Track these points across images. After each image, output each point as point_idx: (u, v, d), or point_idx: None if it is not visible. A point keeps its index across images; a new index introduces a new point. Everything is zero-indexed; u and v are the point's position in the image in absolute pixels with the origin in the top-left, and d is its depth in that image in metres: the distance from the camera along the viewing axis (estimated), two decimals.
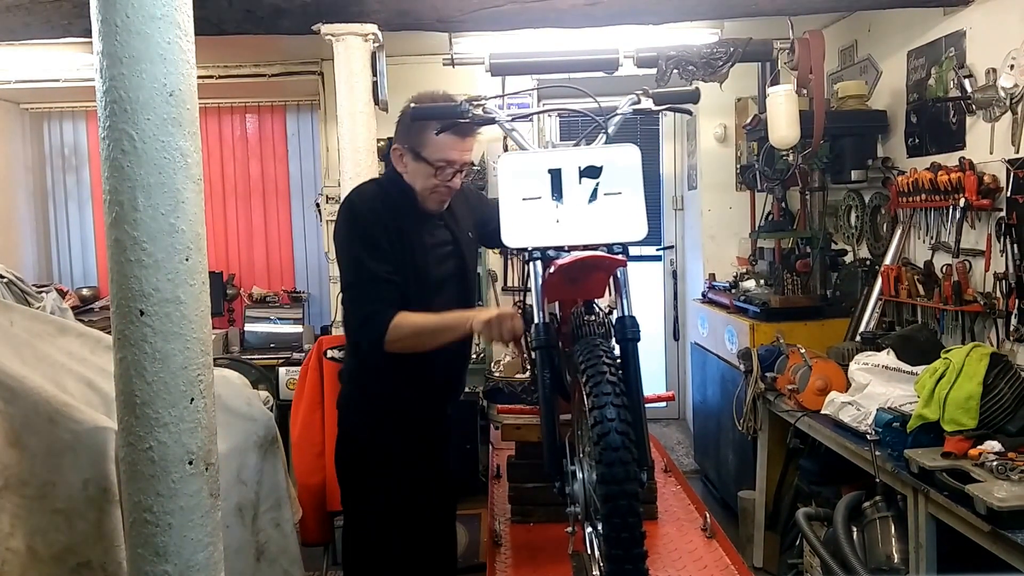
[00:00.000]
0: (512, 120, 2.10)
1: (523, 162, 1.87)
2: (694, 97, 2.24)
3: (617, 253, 1.78)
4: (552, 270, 1.77)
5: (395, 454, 2.26)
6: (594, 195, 1.82)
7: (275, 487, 2.30)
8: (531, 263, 1.84)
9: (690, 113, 2.32)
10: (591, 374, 1.53)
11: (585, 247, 1.78)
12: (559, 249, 1.81)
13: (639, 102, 2.10)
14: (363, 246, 2.13)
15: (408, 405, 2.26)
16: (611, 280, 1.84)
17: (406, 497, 2.26)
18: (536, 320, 1.81)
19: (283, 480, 2.37)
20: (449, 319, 2.09)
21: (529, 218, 1.81)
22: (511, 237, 1.82)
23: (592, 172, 1.83)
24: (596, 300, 1.92)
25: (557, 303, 2.01)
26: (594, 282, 1.85)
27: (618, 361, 1.61)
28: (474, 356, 2.18)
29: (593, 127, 2.06)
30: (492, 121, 2.14)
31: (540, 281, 1.82)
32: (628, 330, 1.75)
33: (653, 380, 5.71)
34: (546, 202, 1.82)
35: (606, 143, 2.02)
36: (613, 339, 1.77)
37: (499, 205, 1.84)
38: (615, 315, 1.81)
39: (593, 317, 1.84)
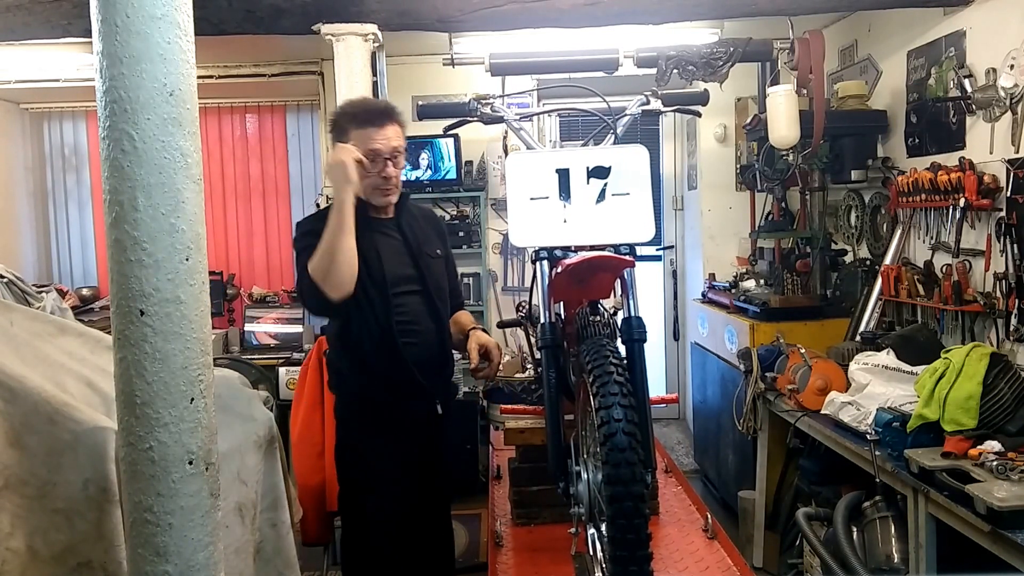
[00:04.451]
0: (520, 119, 2.11)
1: (531, 162, 1.87)
2: (703, 99, 2.25)
3: (624, 254, 1.78)
4: (559, 270, 1.76)
5: (387, 456, 2.28)
6: (602, 195, 1.82)
7: (272, 487, 2.30)
8: (538, 263, 1.84)
9: (699, 115, 2.33)
10: (598, 374, 1.52)
11: (592, 247, 1.79)
12: (566, 249, 1.81)
13: (648, 103, 2.11)
14: (300, 247, 2.23)
15: (391, 407, 2.29)
16: (617, 281, 1.84)
17: (400, 499, 2.27)
18: (542, 320, 1.81)
19: (281, 480, 2.36)
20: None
21: (537, 218, 1.81)
22: (518, 236, 1.82)
23: (600, 172, 1.83)
24: (601, 300, 1.92)
25: (561, 303, 2.01)
26: (601, 282, 1.85)
27: (624, 361, 1.60)
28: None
29: (601, 127, 2.06)
30: (500, 119, 2.14)
31: (547, 281, 1.82)
32: (635, 330, 1.75)
33: (653, 380, 5.69)
34: (554, 202, 1.82)
35: (615, 143, 2.02)
36: (619, 339, 1.77)
37: (507, 205, 1.85)
38: (620, 315, 1.81)
39: (598, 317, 1.84)
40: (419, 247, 2.33)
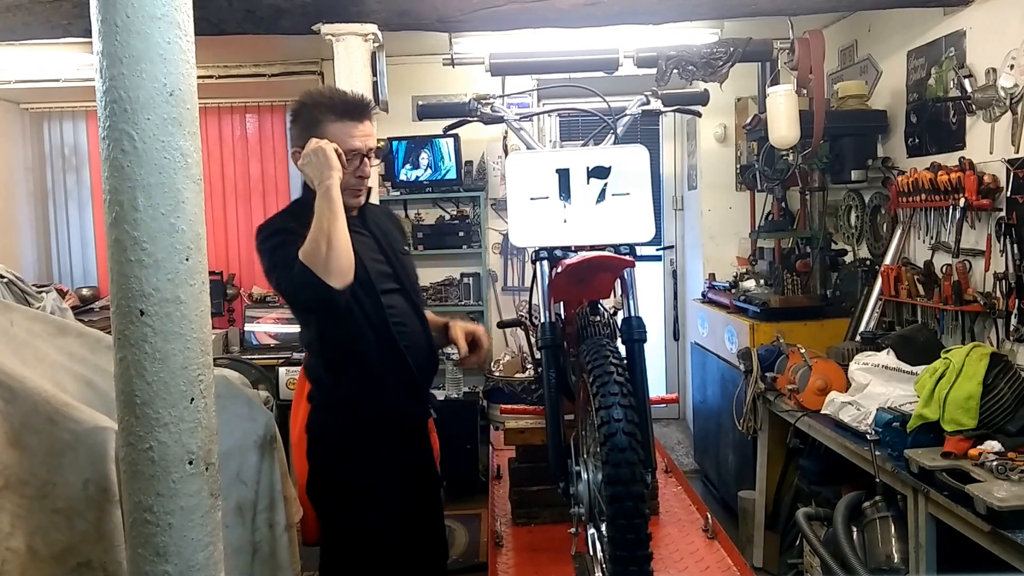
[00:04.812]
0: (520, 119, 2.11)
1: (531, 162, 1.87)
2: (703, 99, 2.25)
3: (624, 254, 1.79)
4: (559, 270, 1.77)
5: (388, 462, 2.23)
6: (602, 195, 1.83)
7: (270, 488, 2.30)
8: (538, 263, 1.84)
9: (699, 115, 2.34)
10: (598, 374, 1.53)
11: (592, 247, 1.79)
12: (566, 249, 1.81)
13: (648, 103, 2.11)
14: (274, 244, 2.03)
15: (390, 412, 2.22)
16: (617, 281, 1.85)
17: (401, 503, 2.24)
18: (542, 320, 1.82)
19: (279, 481, 2.36)
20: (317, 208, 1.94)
21: (537, 218, 1.82)
22: (518, 236, 1.82)
23: (600, 172, 1.84)
24: (601, 300, 1.92)
25: (562, 303, 2.01)
26: (601, 282, 1.86)
27: (624, 361, 1.61)
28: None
29: (601, 127, 2.06)
30: (500, 119, 2.15)
31: (547, 281, 1.82)
32: (635, 331, 1.75)
33: (653, 380, 5.70)
34: (554, 202, 1.83)
35: (615, 143, 2.02)
36: (619, 339, 1.77)
37: (507, 205, 1.85)
38: (621, 316, 1.81)
39: (598, 318, 1.84)
40: (390, 245, 2.24)
